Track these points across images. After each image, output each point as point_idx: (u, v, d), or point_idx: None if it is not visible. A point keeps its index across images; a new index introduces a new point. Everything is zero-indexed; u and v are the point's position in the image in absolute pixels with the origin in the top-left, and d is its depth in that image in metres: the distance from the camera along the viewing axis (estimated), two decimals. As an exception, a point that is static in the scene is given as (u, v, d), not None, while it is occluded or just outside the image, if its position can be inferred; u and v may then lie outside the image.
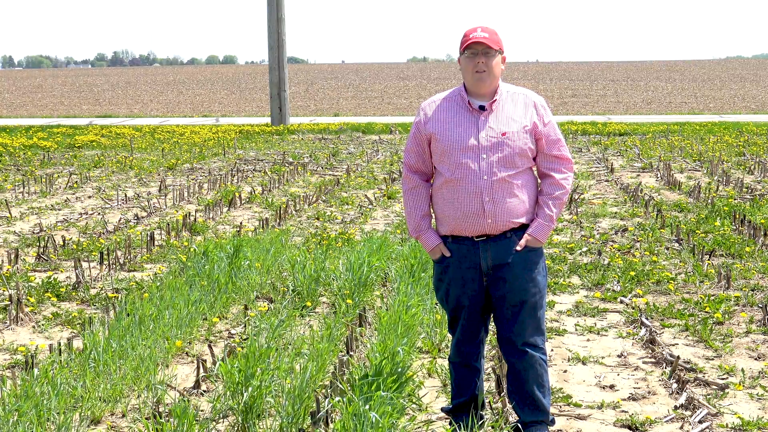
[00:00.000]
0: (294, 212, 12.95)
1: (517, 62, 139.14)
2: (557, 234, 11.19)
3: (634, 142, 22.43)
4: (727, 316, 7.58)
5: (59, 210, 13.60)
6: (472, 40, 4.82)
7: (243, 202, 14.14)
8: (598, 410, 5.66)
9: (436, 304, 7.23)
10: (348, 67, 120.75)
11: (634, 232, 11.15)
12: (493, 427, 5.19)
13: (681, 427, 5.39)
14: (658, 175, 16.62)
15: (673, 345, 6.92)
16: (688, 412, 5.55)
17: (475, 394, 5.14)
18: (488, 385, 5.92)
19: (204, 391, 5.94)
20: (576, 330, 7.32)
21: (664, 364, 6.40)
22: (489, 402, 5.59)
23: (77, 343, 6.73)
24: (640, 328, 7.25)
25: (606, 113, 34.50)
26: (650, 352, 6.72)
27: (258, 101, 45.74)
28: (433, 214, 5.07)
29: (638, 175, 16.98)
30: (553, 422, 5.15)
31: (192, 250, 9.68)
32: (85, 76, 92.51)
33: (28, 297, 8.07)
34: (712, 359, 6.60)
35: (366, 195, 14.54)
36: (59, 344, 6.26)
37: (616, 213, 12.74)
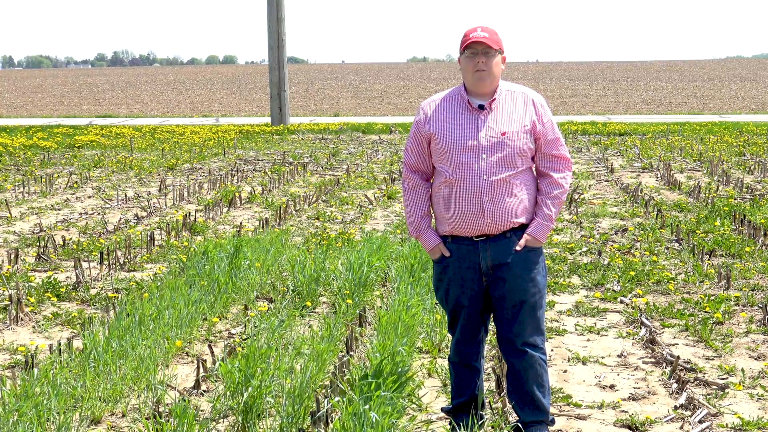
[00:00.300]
0: (294, 212, 12.95)
1: (517, 62, 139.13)
2: (557, 234, 11.20)
3: (634, 142, 22.43)
4: (727, 316, 7.58)
5: (59, 210, 13.60)
6: (472, 39, 4.82)
7: (243, 202, 14.14)
8: (598, 410, 5.66)
9: (436, 304, 7.23)
10: (348, 67, 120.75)
11: (634, 232, 11.15)
12: (493, 427, 5.19)
13: (681, 427, 5.39)
14: (658, 175, 16.62)
15: (673, 345, 6.92)
16: (688, 412, 5.55)
17: (475, 394, 5.14)
18: (488, 385, 5.92)
19: (204, 391, 5.94)
20: (576, 330, 7.32)
21: (664, 364, 6.40)
22: (489, 402, 5.59)
23: (77, 343, 6.73)
24: (640, 328, 7.25)
25: (606, 113, 34.50)
26: (650, 352, 6.72)
27: (258, 101, 45.74)
28: (432, 214, 5.07)
29: (638, 175, 16.99)
30: (553, 422, 5.15)
31: (192, 250, 9.68)
32: (85, 76, 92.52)
33: (28, 297, 8.07)
34: (712, 359, 6.60)
35: (366, 195, 14.54)
36: (59, 344, 6.25)
37: (616, 213, 12.74)
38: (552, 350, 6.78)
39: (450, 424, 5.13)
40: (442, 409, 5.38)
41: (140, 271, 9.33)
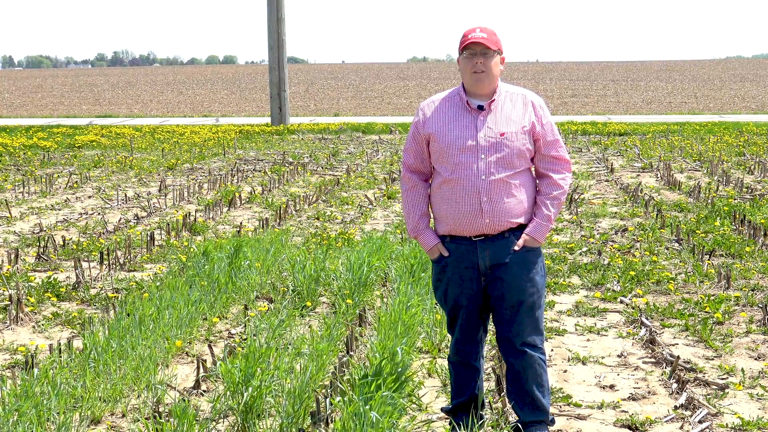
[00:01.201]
0: (294, 212, 12.96)
1: (517, 62, 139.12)
2: (557, 234, 11.20)
3: (634, 142, 22.43)
4: (727, 316, 7.58)
5: (59, 210, 13.60)
6: (471, 40, 4.83)
7: (243, 202, 14.15)
8: (598, 410, 5.66)
9: (436, 304, 7.23)
10: (348, 67, 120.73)
11: (634, 232, 11.15)
12: (493, 427, 5.20)
13: (681, 427, 5.39)
14: (658, 175, 16.63)
15: (673, 345, 6.92)
16: (688, 412, 5.55)
17: (474, 393, 5.14)
18: (488, 384, 5.92)
19: (204, 391, 5.94)
20: (576, 330, 7.32)
21: (664, 364, 6.40)
22: (489, 402, 5.59)
23: (77, 343, 6.73)
24: (640, 328, 7.25)
25: (606, 113, 34.50)
26: (650, 352, 6.72)
27: (258, 101, 45.74)
28: (431, 214, 5.08)
29: (638, 175, 16.99)
30: (552, 422, 5.15)
31: (192, 250, 9.68)
32: (85, 76, 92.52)
33: (28, 297, 8.07)
34: (712, 359, 6.61)
35: (366, 195, 14.54)
36: (59, 344, 6.26)
37: (616, 213, 12.74)
38: (552, 350, 6.78)
39: (450, 423, 5.13)
40: (442, 409, 5.38)
41: (140, 271, 9.34)
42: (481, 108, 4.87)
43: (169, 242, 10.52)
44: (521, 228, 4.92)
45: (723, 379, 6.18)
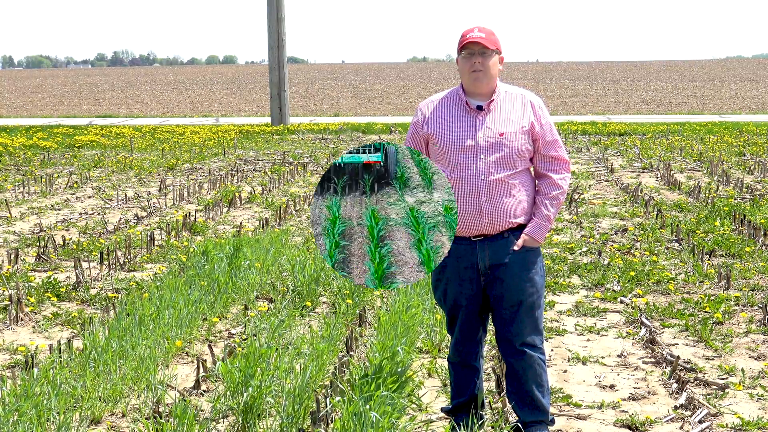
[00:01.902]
0: (294, 212, 12.96)
1: (517, 62, 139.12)
2: (557, 234, 11.20)
3: (634, 142, 22.43)
4: (727, 316, 7.59)
5: (59, 210, 13.61)
6: (469, 40, 4.83)
7: (243, 202, 14.15)
8: (598, 410, 5.66)
9: (436, 304, 7.23)
10: (348, 67, 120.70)
11: (634, 232, 11.16)
12: (493, 427, 5.20)
13: (681, 427, 5.39)
14: (658, 175, 16.63)
15: (673, 345, 6.92)
16: (688, 412, 5.55)
17: (474, 393, 5.15)
18: (488, 384, 5.92)
19: (204, 391, 5.94)
20: (576, 330, 7.32)
21: (664, 364, 6.40)
22: (489, 402, 5.59)
23: (77, 343, 6.73)
24: (640, 328, 7.25)
25: (606, 113, 34.49)
26: (650, 352, 6.72)
27: (258, 101, 45.74)
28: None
29: (638, 175, 16.99)
30: (552, 422, 5.16)
31: (192, 250, 9.68)
32: (85, 76, 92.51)
33: (28, 297, 8.07)
34: (712, 359, 6.61)
35: (366, 195, 14.52)
36: (59, 344, 6.25)
37: (616, 213, 12.74)
38: (552, 350, 6.78)
39: (450, 423, 5.13)
40: (442, 409, 5.38)
41: (140, 271, 9.34)
42: (480, 108, 4.87)
43: (169, 242, 10.52)
44: (520, 228, 4.92)
45: (723, 379, 6.18)
